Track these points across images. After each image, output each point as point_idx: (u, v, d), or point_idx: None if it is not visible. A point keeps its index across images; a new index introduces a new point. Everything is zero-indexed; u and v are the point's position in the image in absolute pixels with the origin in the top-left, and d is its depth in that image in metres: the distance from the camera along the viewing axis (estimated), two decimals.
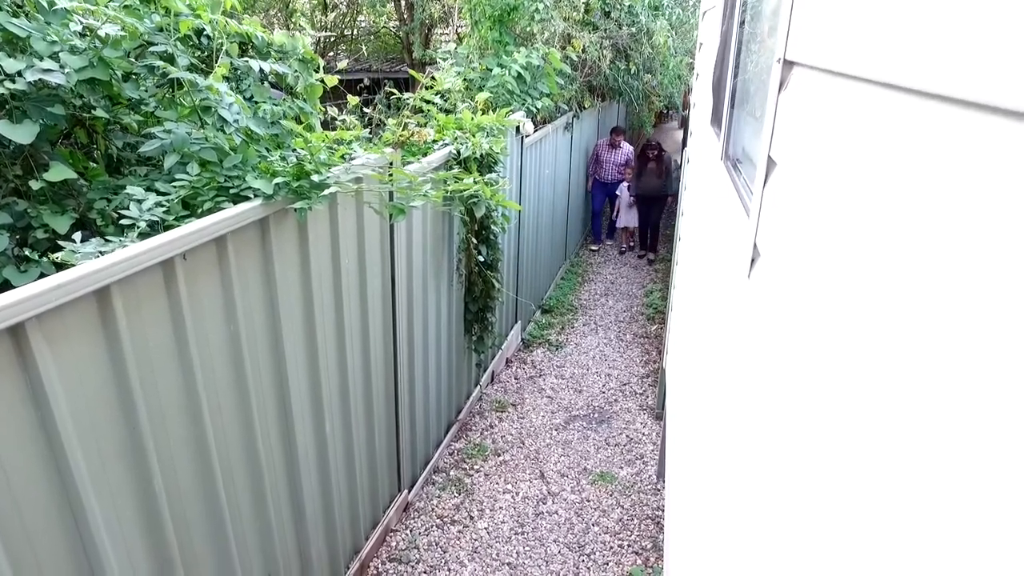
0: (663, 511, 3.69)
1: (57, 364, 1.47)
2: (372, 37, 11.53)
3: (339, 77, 3.00)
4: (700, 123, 3.49)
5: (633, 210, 8.04)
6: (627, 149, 8.03)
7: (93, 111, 2.23)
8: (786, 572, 0.88)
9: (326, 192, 2.17)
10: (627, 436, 4.43)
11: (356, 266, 2.77)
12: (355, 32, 11.19)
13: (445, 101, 4.22)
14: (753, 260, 1.24)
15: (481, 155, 3.73)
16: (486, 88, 5.13)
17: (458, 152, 3.65)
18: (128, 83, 2.41)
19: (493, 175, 3.93)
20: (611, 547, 3.44)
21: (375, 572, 3.24)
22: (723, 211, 1.83)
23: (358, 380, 2.93)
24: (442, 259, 3.75)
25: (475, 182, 2.92)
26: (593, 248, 8.53)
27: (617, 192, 8.08)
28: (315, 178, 2.20)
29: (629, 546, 3.45)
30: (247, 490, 2.25)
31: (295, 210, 2.15)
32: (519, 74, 5.35)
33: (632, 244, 8.48)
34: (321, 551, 2.82)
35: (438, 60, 5.40)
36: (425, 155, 3.44)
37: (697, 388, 2.18)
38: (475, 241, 3.87)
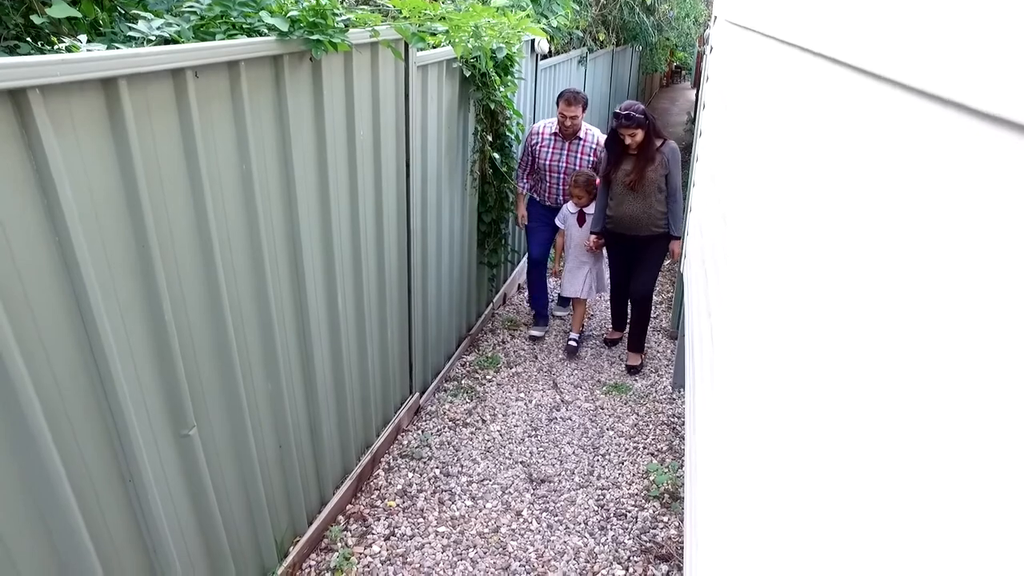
0: (679, 417, 3.63)
1: (63, 151, 1.38)
2: None
3: None
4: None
5: (594, 264, 4.22)
6: (594, 140, 4.16)
7: None
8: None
9: (342, 20, 2.07)
10: None
11: (371, 140, 2.67)
12: None
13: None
14: None
15: (496, 54, 3.60)
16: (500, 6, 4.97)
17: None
18: None
19: (509, 77, 3.82)
20: (626, 448, 3.39)
21: (387, 466, 3.20)
22: None
23: (371, 266, 2.85)
24: (456, 159, 3.64)
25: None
26: (535, 333, 4.52)
27: (558, 222, 4.28)
28: (332, 20, 2.10)
29: (644, 448, 3.39)
30: (257, 343, 2.17)
31: (311, 46, 2.04)
32: None
33: (582, 329, 4.51)
34: (332, 432, 2.76)
35: None
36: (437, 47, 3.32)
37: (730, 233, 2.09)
38: (490, 139, 3.75)
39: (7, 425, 1.35)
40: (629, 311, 4.21)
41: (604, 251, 4.22)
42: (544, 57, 5.75)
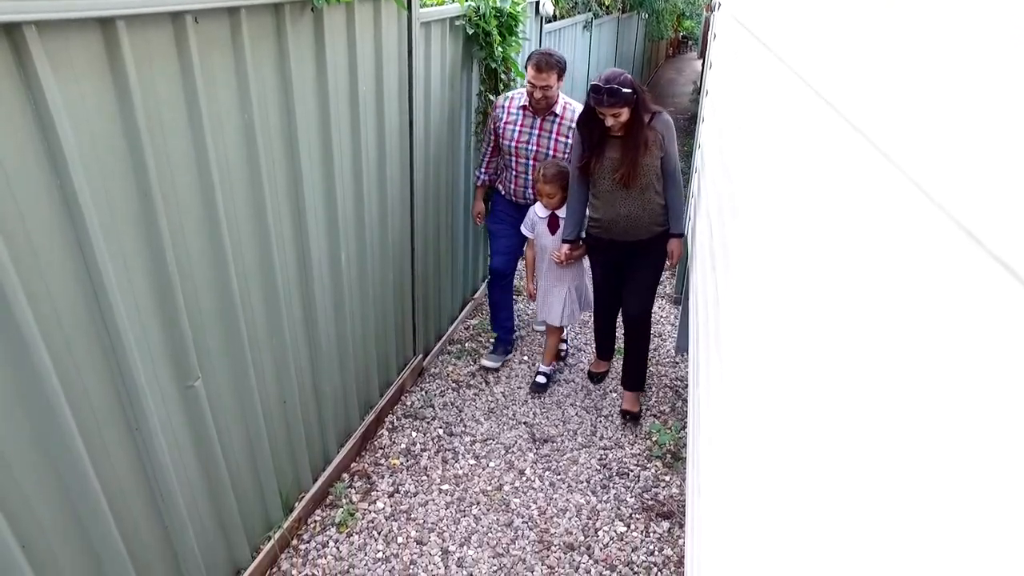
0: (683, 380, 3.64)
1: (62, 92, 1.36)
2: None
3: None
4: None
5: (574, 280, 3.39)
6: (572, 117, 3.21)
7: None
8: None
9: None
10: None
11: (373, 96, 2.64)
12: None
13: None
14: None
15: (500, 12, 3.54)
16: None
17: (477, 8, 3.47)
18: None
19: (513, 37, 3.76)
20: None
21: (391, 426, 3.22)
22: None
23: (374, 223, 2.84)
24: (459, 119, 3.61)
25: None
26: (488, 364, 3.74)
27: (524, 230, 3.41)
28: None
29: (648, 410, 3.41)
30: (260, 297, 2.17)
31: None
32: None
33: (562, 356, 3.85)
34: (336, 390, 2.78)
35: None
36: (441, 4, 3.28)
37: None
38: (492, 99, 3.71)
39: (12, 364, 1.35)
40: (621, 328, 3.46)
41: (585, 261, 3.36)
42: (549, 21, 5.67)
